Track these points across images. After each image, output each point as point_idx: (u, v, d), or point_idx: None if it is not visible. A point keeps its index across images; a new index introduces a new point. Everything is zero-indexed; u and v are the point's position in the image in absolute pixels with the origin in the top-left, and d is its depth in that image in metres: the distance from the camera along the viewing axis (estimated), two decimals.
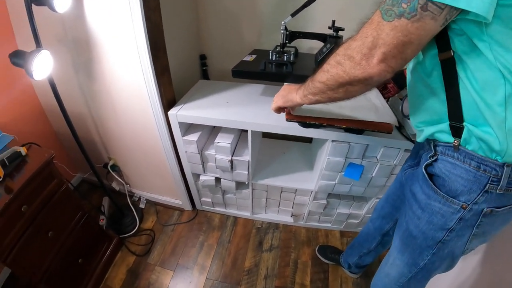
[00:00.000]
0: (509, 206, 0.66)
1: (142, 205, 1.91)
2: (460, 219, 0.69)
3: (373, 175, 1.44)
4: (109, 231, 1.63)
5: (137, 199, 1.94)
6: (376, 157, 1.40)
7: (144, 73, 1.28)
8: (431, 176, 0.73)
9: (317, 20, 1.57)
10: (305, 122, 1.27)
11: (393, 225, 1.16)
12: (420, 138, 0.78)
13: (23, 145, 1.21)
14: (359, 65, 0.58)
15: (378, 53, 0.55)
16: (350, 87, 0.64)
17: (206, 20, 1.69)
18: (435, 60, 0.62)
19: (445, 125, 0.67)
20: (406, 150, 1.33)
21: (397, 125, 1.33)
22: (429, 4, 0.49)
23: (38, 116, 1.63)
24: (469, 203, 0.66)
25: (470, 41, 0.55)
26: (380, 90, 1.43)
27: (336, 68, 0.63)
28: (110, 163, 1.76)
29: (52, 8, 1.08)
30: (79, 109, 1.52)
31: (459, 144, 0.65)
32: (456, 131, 0.65)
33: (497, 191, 0.63)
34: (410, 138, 1.30)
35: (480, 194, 0.64)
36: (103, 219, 1.72)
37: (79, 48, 1.31)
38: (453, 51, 0.58)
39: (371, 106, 1.32)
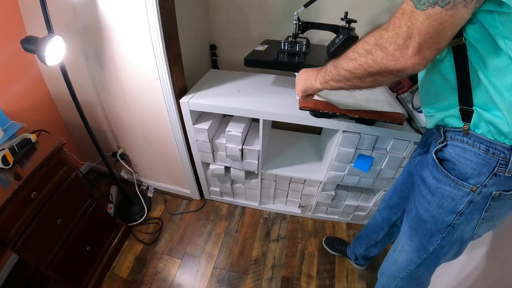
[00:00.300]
0: None
1: (150, 194, 1.91)
2: (469, 202, 0.70)
3: (382, 167, 1.43)
4: (117, 220, 1.64)
5: (145, 188, 1.94)
6: (386, 149, 1.39)
7: (157, 61, 1.27)
8: (441, 161, 0.75)
9: (328, 11, 1.55)
10: (318, 111, 1.27)
11: (401, 215, 1.17)
12: (430, 125, 0.79)
13: (32, 132, 1.20)
14: (392, 56, 0.56)
15: (413, 44, 0.53)
16: (380, 77, 0.63)
17: (216, 10, 1.68)
18: (448, 46, 0.62)
19: (455, 110, 0.68)
20: (415, 143, 1.32)
21: (407, 117, 1.33)
22: None
23: (47, 105, 1.62)
24: (478, 185, 0.67)
25: (482, 29, 0.56)
26: (394, 86, 1.42)
27: (366, 57, 0.61)
28: (119, 151, 1.76)
29: None
30: (88, 97, 1.51)
31: (469, 129, 0.67)
32: (466, 115, 0.66)
33: (506, 174, 0.65)
34: (419, 131, 1.29)
35: (489, 177, 0.66)
36: (111, 208, 1.72)
37: (90, 35, 1.30)
38: (464, 38, 0.59)
39: (384, 98, 1.32)
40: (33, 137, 1.15)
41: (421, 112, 1.28)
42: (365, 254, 1.45)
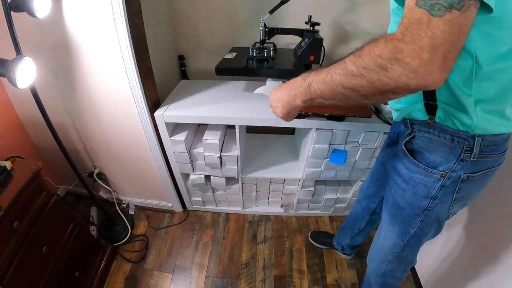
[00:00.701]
0: (483, 171, 0.72)
1: (131, 212, 1.87)
2: (441, 186, 0.75)
3: (356, 158, 1.52)
4: (101, 241, 1.59)
5: (125, 206, 1.90)
6: (358, 141, 1.48)
7: (128, 76, 1.27)
8: (410, 152, 0.80)
9: (291, 16, 1.62)
10: None
11: (379, 203, 1.24)
12: (397, 118, 0.84)
13: (6, 159, 1.16)
14: (416, 73, 0.48)
15: (439, 56, 0.46)
16: (392, 95, 0.55)
17: (181, 21, 1.69)
18: None
19: (420, 105, 0.72)
20: (385, 133, 1.41)
21: (374, 110, 1.42)
22: None
23: (16, 129, 1.55)
24: (447, 171, 0.73)
25: None
26: None
27: (378, 74, 0.51)
28: (96, 171, 1.72)
29: (31, 14, 1.05)
30: (60, 118, 1.47)
31: (434, 121, 0.71)
32: (431, 109, 0.70)
33: (471, 159, 0.70)
34: (387, 121, 1.39)
35: (457, 163, 0.71)
36: (93, 230, 1.67)
37: (58, 55, 1.27)
38: None
39: None
40: (8, 164, 1.11)
41: (387, 104, 1.37)
42: (351, 243, 1.52)
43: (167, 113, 1.40)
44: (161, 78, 1.55)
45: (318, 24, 1.44)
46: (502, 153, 0.72)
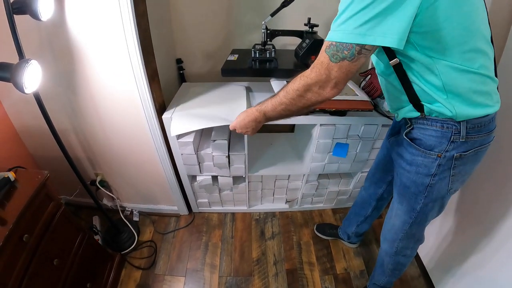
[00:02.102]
0: (473, 150, 0.81)
1: (136, 218, 1.74)
2: (438, 165, 0.84)
3: (357, 151, 1.51)
4: (108, 250, 1.46)
5: (129, 212, 1.76)
6: (358, 134, 1.47)
7: (136, 79, 1.18)
8: (411, 139, 0.89)
9: (288, 18, 1.58)
10: None
11: (386, 187, 1.27)
12: (398, 118, 0.95)
13: (9, 170, 1.02)
14: (319, 94, 0.76)
15: (331, 84, 0.72)
16: (312, 107, 0.83)
17: (179, 24, 1.61)
18: (389, 65, 0.76)
19: (410, 107, 0.83)
20: (383, 125, 1.42)
21: (373, 104, 1.42)
22: (363, 50, 0.65)
23: (12, 140, 1.39)
24: (442, 152, 0.82)
25: (402, 53, 0.71)
26: (369, 90, 1.49)
27: (300, 99, 0.80)
28: (98, 179, 1.58)
29: (35, 16, 0.94)
30: (61, 125, 1.33)
31: (424, 115, 0.81)
32: (419, 108, 0.81)
33: (460, 140, 0.79)
34: (385, 114, 1.39)
35: (448, 144, 0.80)
36: (98, 239, 1.53)
37: (61, 58, 1.16)
38: (398, 58, 0.73)
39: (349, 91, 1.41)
40: (11, 175, 0.98)
41: (383, 98, 1.38)
42: (357, 231, 1.50)
43: (175, 116, 1.31)
44: (163, 81, 1.46)
45: (317, 25, 1.42)
46: (489, 132, 0.81)
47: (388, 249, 1.14)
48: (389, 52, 0.73)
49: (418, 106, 0.80)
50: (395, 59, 0.73)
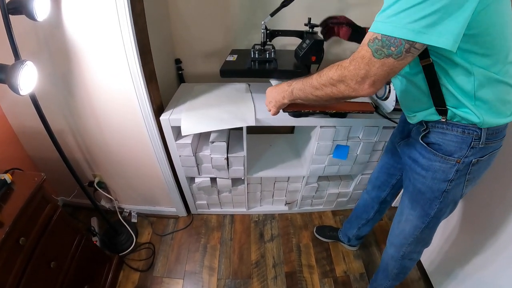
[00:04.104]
0: (488, 154, 0.81)
1: (134, 220, 1.74)
2: (456, 171, 0.82)
3: (358, 153, 1.50)
4: (106, 252, 1.46)
5: (127, 214, 1.76)
6: (359, 136, 1.46)
7: (133, 80, 1.18)
8: (427, 143, 0.86)
9: (288, 18, 1.58)
10: (298, 111, 1.29)
11: (390, 191, 1.25)
12: (413, 121, 0.91)
13: (5, 172, 1.02)
14: (353, 88, 0.70)
15: (369, 81, 0.66)
16: (341, 100, 0.79)
17: (178, 24, 1.60)
18: (419, 65, 0.73)
19: (433, 110, 0.80)
20: (384, 128, 1.41)
21: (374, 106, 1.41)
22: (412, 48, 0.60)
23: (10, 141, 1.39)
24: (461, 157, 0.80)
25: (438, 54, 0.68)
26: None
27: (331, 88, 0.75)
28: (96, 180, 1.58)
29: (31, 16, 0.94)
30: (57, 126, 1.33)
31: (446, 120, 0.79)
32: (442, 112, 0.78)
33: (480, 146, 0.78)
34: (386, 116, 1.38)
35: (468, 150, 0.79)
36: (96, 241, 1.53)
37: (57, 59, 1.15)
38: (431, 58, 0.70)
39: None
40: (8, 177, 0.98)
41: (384, 100, 1.36)
42: (358, 234, 1.50)
43: (173, 117, 1.31)
44: (161, 82, 1.45)
45: (317, 25, 1.41)
46: (503, 138, 0.82)
47: (395, 253, 1.13)
48: (423, 51, 0.67)
49: (442, 109, 0.78)
50: (427, 58, 0.70)
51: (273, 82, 1.43)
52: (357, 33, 1.24)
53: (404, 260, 1.13)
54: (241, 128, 1.34)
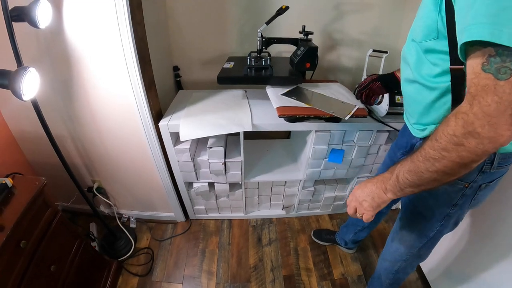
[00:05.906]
0: (496, 179, 0.76)
1: (132, 225, 1.74)
2: (462, 195, 0.77)
3: (353, 157, 1.53)
4: (105, 257, 1.46)
5: (126, 219, 1.77)
6: (354, 140, 1.49)
7: (133, 87, 1.20)
8: None
9: (282, 26, 1.61)
10: (294, 116, 1.31)
11: None
12: (420, 135, 0.82)
13: (6, 176, 1.04)
14: (489, 138, 0.48)
15: (506, 117, 0.46)
16: (474, 164, 0.55)
17: (175, 31, 1.65)
18: (446, 69, 0.64)
19: None
20: (378, 131, 1.44)
21: (367, 110, 1.44)
22: None
23: (10, 146, 1.41)
24: (470, 182, 0.74)
25: None
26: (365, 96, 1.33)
27: (457, 150, 0.52)
28: (95, 186, 1.59)
29: (34, 24, 0.96)
30: (57, 131, 1.35)
31: None
32: None
33: (491, 170, 0.72)
34: (380, 120, 1.41)
35: (478, 175, 0.73)
36: (95, 246, 1.54)
37: (58, 66, 1.18)
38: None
39: (343, 97, 1.43)
40: (9, 182, 1.00)
41: (377, 104, 1.39)
42: (354, 238, 1.51)
43: (172, 123, 1.33)
44: (160, 89, 1.48)
45: (312, 33, 1.46)
46: (511, 162, 0.75)
47: (389, 267, 1.11)
48: (455, 54, 0.56)
49: None
50: (460, 65, 0.58)
51: (269, 89, 1.46)
52: (386, 79, 1.16)
53: (398, 274, 1.11)
54: (238, 134, 1.35)
